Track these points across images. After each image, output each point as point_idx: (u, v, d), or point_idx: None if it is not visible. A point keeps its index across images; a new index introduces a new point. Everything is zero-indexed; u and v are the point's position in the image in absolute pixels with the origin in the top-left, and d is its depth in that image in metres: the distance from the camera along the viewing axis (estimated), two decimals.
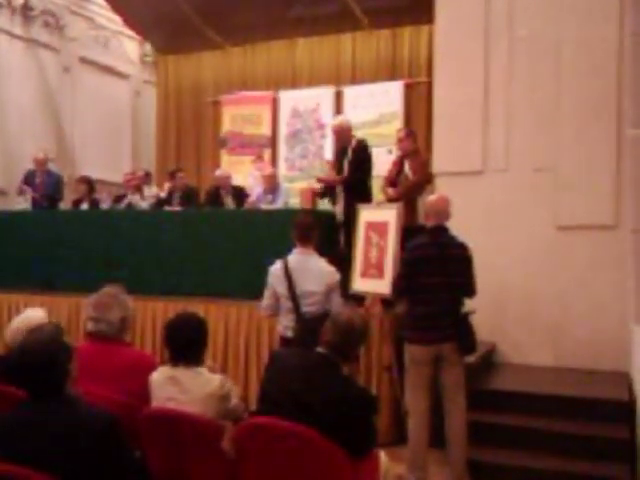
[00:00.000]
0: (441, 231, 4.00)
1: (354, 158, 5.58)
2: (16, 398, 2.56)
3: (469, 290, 4.01)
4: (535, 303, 5.56)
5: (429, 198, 4.24)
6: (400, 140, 6.08)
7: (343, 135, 5.77)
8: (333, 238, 5.52)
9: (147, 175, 8.44)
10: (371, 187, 5.84)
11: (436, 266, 3.90)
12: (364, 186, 5.66)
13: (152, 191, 7.84)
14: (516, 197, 5.70)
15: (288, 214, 5.41)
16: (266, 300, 4.07)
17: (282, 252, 4.06)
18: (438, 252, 3.94)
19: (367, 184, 5.73)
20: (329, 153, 8.88)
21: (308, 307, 3.86)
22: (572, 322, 5.43)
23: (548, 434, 4.23)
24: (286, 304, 3.94)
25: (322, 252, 4.09)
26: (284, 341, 3.98)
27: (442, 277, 3.89)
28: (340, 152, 5.82)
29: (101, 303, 3.06)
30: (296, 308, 3.87)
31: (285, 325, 3.97)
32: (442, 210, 4.03)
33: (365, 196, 5.58)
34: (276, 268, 4.01)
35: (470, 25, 5.86)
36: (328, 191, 5.96)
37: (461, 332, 3.89)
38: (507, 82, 5.75)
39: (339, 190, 5.70)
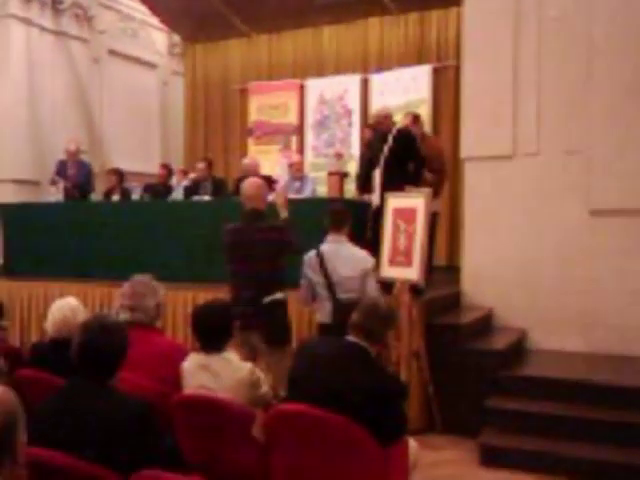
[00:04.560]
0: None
1: (395, 146, 5.50)
2: (50, 384, 2.64)
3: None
4: (567, 288, 5.48)
5: (244, 183, 4.14)
6: (407, 126, 6.00)
7: (384, 122, 5.71)
8: (364, 226, 5.50)
9: (184, 172, 8.47)
10: (418, 173, 5.59)
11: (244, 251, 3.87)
12: (404, 174, 5.52)
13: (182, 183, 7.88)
14: (547, 181, 5.60)
15: (316, 203, 5.39)
16: (302, 290, 4.10)
17: (312, 240, 4.06)
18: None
19: (408, 171, 5.56)
20: (356, 140, 8.85)
21: (344, 294, 3.87)
22: (604, 308, 5.34)
23: (579, 421, 4.18)
24: (322, 292, 3.96)
25: (353, 240, 4.10)
26: (323, 328, 4.00)
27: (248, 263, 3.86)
28: (380, 138, 5.73)
29: (136, 292, 3.11)
30: (332, 295, 3.89)
31: (323, 313, 3.99)
32: (255, 194, 3.98)
33: (407, 181, 5.36)
34: (310, 257, 4.02)
35: (499, 6, 5.75)
36: (361, 178, 5.92)
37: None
38: (537, 64, 5.63)
39: (375, 178, 5.62)
